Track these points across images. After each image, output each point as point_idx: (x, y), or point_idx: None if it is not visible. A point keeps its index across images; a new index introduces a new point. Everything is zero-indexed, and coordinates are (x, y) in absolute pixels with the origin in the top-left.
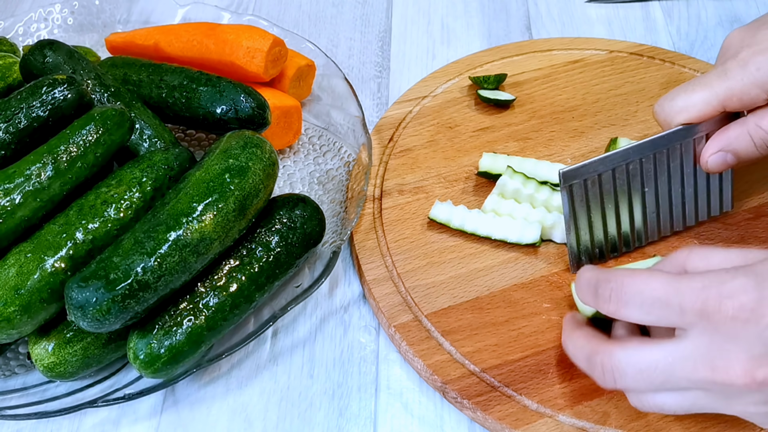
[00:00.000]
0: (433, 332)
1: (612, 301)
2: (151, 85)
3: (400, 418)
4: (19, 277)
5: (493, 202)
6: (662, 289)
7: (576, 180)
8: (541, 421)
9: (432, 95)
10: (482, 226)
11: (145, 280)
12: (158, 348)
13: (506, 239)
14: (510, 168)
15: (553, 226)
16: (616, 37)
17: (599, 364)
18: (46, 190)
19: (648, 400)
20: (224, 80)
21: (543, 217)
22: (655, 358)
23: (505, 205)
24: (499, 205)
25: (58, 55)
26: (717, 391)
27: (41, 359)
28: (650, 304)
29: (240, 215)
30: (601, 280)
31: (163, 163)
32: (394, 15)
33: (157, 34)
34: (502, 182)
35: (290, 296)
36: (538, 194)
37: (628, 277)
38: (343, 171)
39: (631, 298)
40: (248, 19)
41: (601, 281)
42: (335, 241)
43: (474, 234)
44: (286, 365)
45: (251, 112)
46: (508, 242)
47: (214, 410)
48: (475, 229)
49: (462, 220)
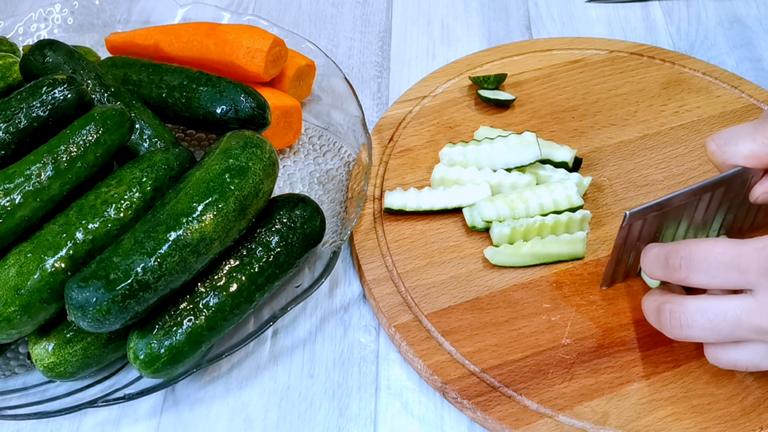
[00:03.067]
0: (433, 332)
1: (682, 268)
2: (151, 85)
3: (400, 418)
4: (19, 277)
5: (441, 171)
6: (726, 252)
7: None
8: (541, 421)
9: (432, 95)
10: (436, 199)
11: (145, 280)
12: (158, 348)
13: (462, 205)
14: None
15: (499, 184)
16: (616, 37)
17: (668, 311)
18: (46, 190)
19: (723, 357)
20: (224, 80)
21: (489, 177)
22: (723, 308)
23: (452, 172)
24: (446, 173)
25: (58, 55)
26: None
27: (41, 359)
28: (716, 267)
29: (240, 215)
30: (671, 252)
31: (163, 163)
32: (394, 15)
33: (157, 34)
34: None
35: (290, 296)
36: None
37: (695, 245)
38: (343, 171)
39: (700, 263)
40: (248, 19)
41: (671, 252)
42: (335, 241)
43: (431, 210)
44: (286, 365)
45: (251, 112)
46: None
47: (214, 410)
48: (431, 205)
49: (417, 201)
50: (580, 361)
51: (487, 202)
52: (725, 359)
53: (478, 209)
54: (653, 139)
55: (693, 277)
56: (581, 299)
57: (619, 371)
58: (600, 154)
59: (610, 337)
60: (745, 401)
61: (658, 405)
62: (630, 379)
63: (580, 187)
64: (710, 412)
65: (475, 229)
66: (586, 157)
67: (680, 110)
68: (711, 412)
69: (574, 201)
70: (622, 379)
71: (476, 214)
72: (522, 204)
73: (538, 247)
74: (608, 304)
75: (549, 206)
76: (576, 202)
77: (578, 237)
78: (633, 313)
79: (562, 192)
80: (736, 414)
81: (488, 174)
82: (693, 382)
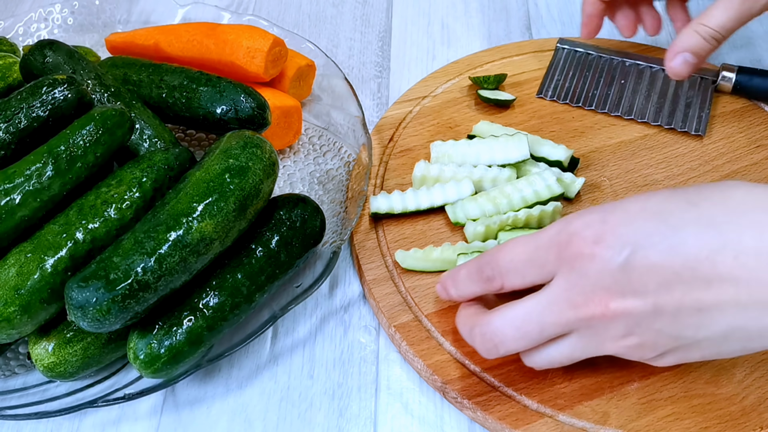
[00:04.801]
0: (434, 332)
1: (496, 278)
2: (151, 85)
3: (401, 418)
4: (20, 277)
5: (421, 169)
6: (525, 249)
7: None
8: (541, 421)
9: (432, 95)
10: (422, 199)
11: (145, 280)
12: (158, 348)
13: (447, 202)
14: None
15: (480, 179)
16: (616, 37)
17: (479, 335)
18: (46, 190)
19: (537, 359)
20: (224, 80)
21: (470, 172)
22: (526, 311)
23: (432, 170)
24: (427, 171)
25: (58, 55)
26: (585, 331)
27: (41, 359)
28: (522, 267)
29: (240, 215)
30: (482, 264)
31: (164, 163)
32: (394, 15)
33: (157, 34)
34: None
35: (290, 296)
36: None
37: (497, 251)
38: (343, 171)
39: (508, 267)
40: (248, 19)
41: (482, 265)
42: (335, 241)
43: (418, 210)
44: (286, 365)
45: (251, 112)
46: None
47: (214, 410)
48: (417, 205)
49: (402, 203)
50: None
51: (470, 201)
52: (541, 361)
53: (462, 207)
54: (653, 139)
55: (508, 283)
56: None
57: (619, 371)
58: (600, 154)
59: None
60: (745, 401)
61: (658, 405)
62: (630, 379)
63: (573, 187)
64: (710, 412)
65: (460, 225)
66: (586, 157)
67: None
68: (711, 412)
69: (554, 190)
70: (622, 378)
71: (459, 211)
72: (505, 200)
73: (449, 253)
74: None
75: (531, 198)
76: (557, 191)
77: (489, 245)
78: None
79: (542, 183)
80: (736, 414)
81: (469, 170)
82: (693, 382)
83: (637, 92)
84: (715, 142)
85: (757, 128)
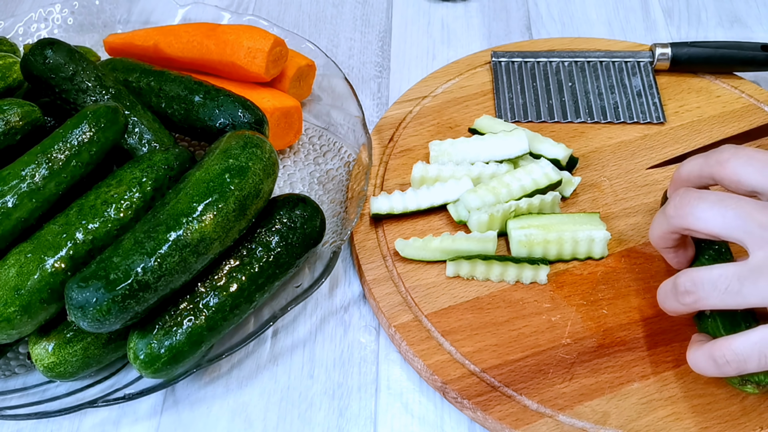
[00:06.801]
0: (434, 332)
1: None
2: (150, 93)
3: (401, 418)
4: (20, 277)
5: (420, 170)
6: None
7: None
8: (541, 421)
9: (432, 95)
10: (422, 199)
11: (145, 280)
12: (158, 348)
13: (447, 201)
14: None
15: (479, 176)
16: (616, 37)
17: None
18: (41, 190)
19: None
20: (223, 93)
21: (468, 170)
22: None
23: (431, 170)
24: (425, 171)
25: (59, 55)
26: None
27: (41, 359)
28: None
29: (240, 215)
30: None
31: (163, 163)
32: (394, 15)
33: (156, 35)
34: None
35: (290, 296)
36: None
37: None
38: (343, 171)
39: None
40: (248, 19)
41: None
42: (335, 241)
43: (418, 210)
44: (286, 365)
45: (249, 127)
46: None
47: (214, 410)
48: (418, 205)
49: (403, 203)
50: (581, 361)
51: (470, 193)
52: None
53: (463, 202)
54: (653, 139)
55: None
56: (581, 299)
57: (619, 371)
58: (600, 154)
59: (610, 337)
60: (745, 401)
61: (658, 405)
62: (630, 379)
63: (569, 186)
64: (710, 412)
65: (463, 223)
66: (586, 157)
67: (680, 110)
68: (711, 412)
69: (552, 177)
70: (622, 378)
71: (461, 208)
72: (504, 189)
73: (448, 242)
74: (608, 304)
75: (530, 186)
76: (554, 178)
77: (488, 236)
78: (633, 313)
79: (539, 171)
80: (736, 414)
81: (467, 167)
82: (693, 382)
83: (589, 92)
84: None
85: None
